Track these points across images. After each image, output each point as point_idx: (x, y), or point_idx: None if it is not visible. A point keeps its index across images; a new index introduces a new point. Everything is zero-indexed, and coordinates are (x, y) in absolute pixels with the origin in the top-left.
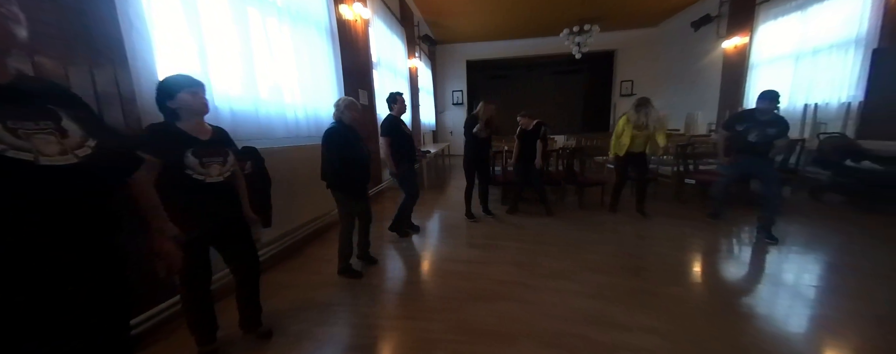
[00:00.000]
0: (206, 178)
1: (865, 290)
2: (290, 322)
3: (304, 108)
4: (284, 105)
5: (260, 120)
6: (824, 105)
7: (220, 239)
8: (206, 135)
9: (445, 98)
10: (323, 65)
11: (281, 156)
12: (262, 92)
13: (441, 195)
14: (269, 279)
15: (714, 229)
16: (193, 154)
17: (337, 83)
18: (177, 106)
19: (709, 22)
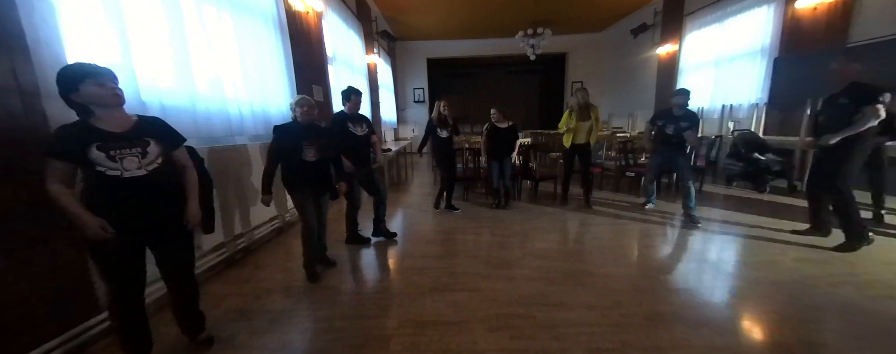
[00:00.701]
0: (123, 173)
1: (767, 262)
2: (237, 331)
3: (250, 105)
4: (226, 100)
5: (197, 116)
6: (738, 105)
7: (154, 241)
8: (122, 126)
9: (407, 95)
10: (271, 58)
11: (224, 156)
12: (199, 85)
13: (403, 193)
14: (213, 288)
15: (647, 215)
16: (98, 148)
17: (288, 78)
18: (83, 99)
19: (645, 30)
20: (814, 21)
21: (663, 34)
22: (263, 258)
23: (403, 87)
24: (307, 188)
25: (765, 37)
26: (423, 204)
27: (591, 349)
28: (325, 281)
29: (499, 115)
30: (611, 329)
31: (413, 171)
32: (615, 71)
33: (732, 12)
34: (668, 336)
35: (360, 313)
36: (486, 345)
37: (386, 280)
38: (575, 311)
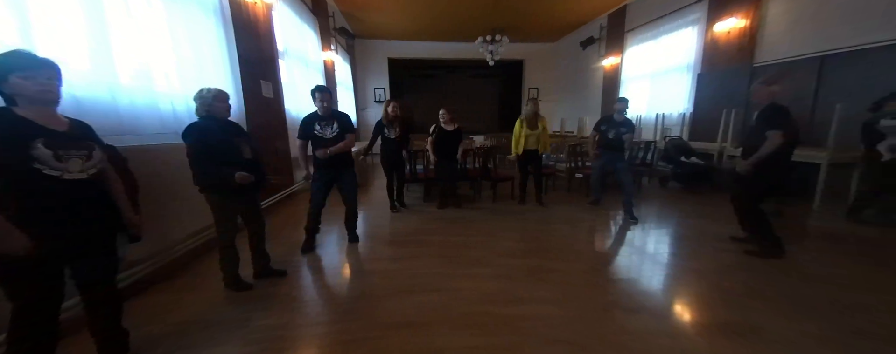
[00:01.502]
0: (64, 174)
1: (694, 252)
2: (174, 347)
3: (186, 100)
4: (156, 94)
5: (120, 111)
6: (669, 115)
7: (77, 251)
8: (61, 126)
9: (367, 95)
10: (211, 50)
11: (154, 156)
12: (122, 77)
13: (364, 194)
14: (145, 302)
15: (594, 213)
16: (45, 145)
17: (231, 72)
18: (11, 91)
19: (592, 43)
20: (728, 43)
21: (608, 47)
22: (205, 266)
23: (364, 87)
24: (245, 190)
25: (691, 54)
26: (385, 206)
27: (546, 340)
28: (279, 289)
29: (448, 117)
30: (564, 321)
31: (374, 173)
32: (567, 79)
33: (664, 31)
34: (610, 324)
35: (318, 320)
36: (449, 344)
37: (348, 284)
38: (533, 306)
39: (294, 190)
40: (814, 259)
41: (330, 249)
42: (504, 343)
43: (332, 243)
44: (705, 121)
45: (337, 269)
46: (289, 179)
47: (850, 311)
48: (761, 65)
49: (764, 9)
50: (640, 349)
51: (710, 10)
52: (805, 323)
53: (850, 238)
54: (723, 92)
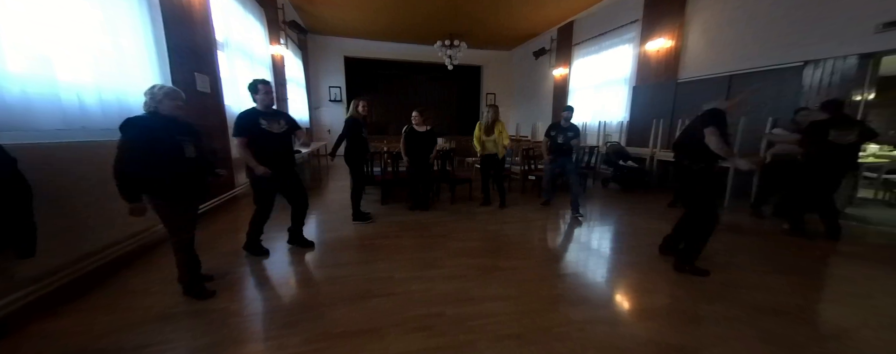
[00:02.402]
0: None
1: (630, 247)
2: None
3: (99, 92)
4: (57, 85)
5: (9, 102)
6: (610, 122)
7: None
8: None
9: (321, 93)
10: (134, 37)
11: (57, 156)
12: (9, 62)
13: (317, 198)
14: (47, 327)
15: (546, 212)
16: None
17: (159, 62)
18: None
19: (544, 53)
20: (657, 60)
21: (558, 58)
22: (124, 282)
23: (317, 85)
24: (189, 193)
25: (627, 69)
26: (340, 209)
27: (496, 336)
28: (213, 303)
29: (420, 118)
30: (514, 317)
31: (328, 175)
32: (521, 86)
33: (606, 47)
34: (556, 316)
35: (256, 335)
36: (400, 348)
37: (293, 293)
38: (485, 304)
39: (236, 194)
40: (722, 250)
41: (275, 257)
42: (456, 342)
43: (277, 250)
44: (639, 129)
45: (282, 279)
46: (231, 182)
47: (748, 291)
48: (684, 81)
49: (685, 32)
50: (582, 337)
51: (643, 30)
52: (714, 305)
53: (750, 230)
54: (653, 103)
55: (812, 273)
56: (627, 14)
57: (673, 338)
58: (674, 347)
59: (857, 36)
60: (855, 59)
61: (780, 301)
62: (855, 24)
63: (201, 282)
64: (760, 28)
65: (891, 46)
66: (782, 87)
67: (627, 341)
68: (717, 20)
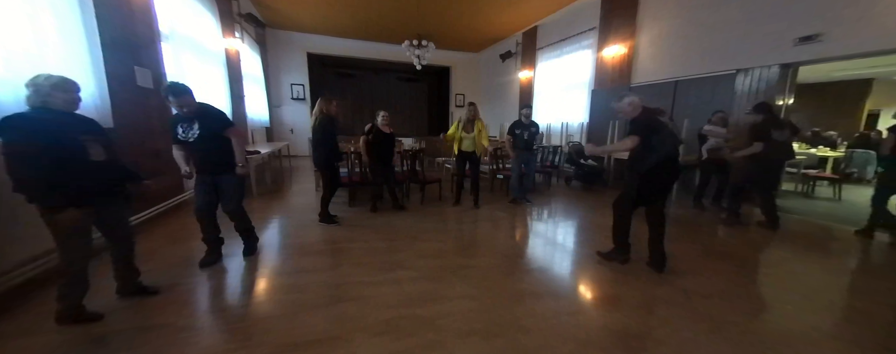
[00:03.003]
0: None
1: (590, 241)
2: None
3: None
4: None
5: None
6: (572, 124)
7: None
8: None
9: (282, 91)
10: (58, 24)
11: None
12: None
13: (279, 201)
14: None
15: (514, 210)
16: None
17: (91, 53)
18: None
19: (510, 56)
20: (613, 66)
21: (523, 62)
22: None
23: (278, 82)
24: (96, 200)
25: (587, 73)
26: (303, 212)
27: (464, 333)
28: (158, 318)
29: (387, 119)
30: (481, 313)
31: (291, 177)
32: (489, 87)
33: (567, 51)
34: (521, 309)
35: (209, 350)
36: (368, 352)
37: (251, 303)
38: (453, 302)
39: (186, 199)
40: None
41: (231, 265)
42: (423, 342)
43: (233, 259)
44: (598, 130)
45: (238, 288)
46: (178, 186)
47: (690, 277)
48: (636, 86)
49: (636, 41)
50: (545, 328)
51: (600, 37)
52: (658, 288)
53: (692, 221)
54: (610, 106)
55: (743, 257)
56: (586, 22)
57: (624, 323)
58: (624, 331)
59: (779, 48)
60: (777, 68)
61: (716, 284)
62: (777, 38)
63: (79, 309)
64: (699, 40)
65: (806, 58)
66: (718, 92)
67: (585, 329)
68: (663, 31)
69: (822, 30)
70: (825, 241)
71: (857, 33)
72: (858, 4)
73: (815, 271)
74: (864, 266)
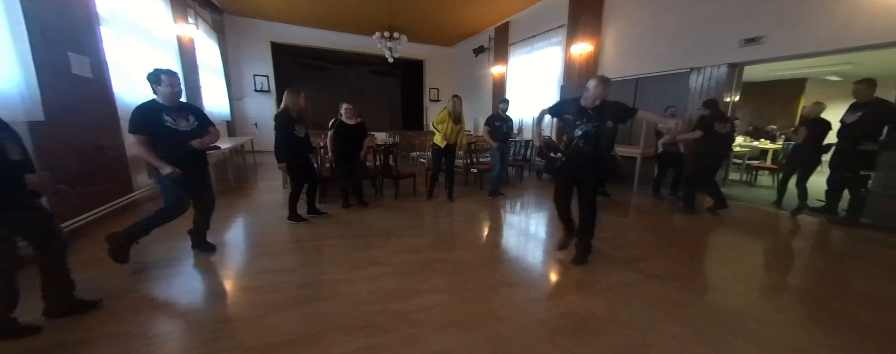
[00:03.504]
0: None
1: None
2: None
3: None
4: None
5: None
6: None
7: None
8: None
9: (244, 82)
10: None
11: None
12: None
13: (244, 198)
14: None
15: (490, 204)
16: None
17: (13, 37)
18: None
19: (483, 51)
20: (580, 63)
21: (496, 57)
22: None
23: (239, 73)
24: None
25: (557, 69)
26: (270, 210)
27: (440, 325)
28: (109, 326)
29: (351, 111)
30: (457, 305)
31: (257, 173)
32: (463, 82)
33: (538, 48)
34: (496, 299)
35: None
36: (342, 350)
37: (214, 307)
38: (429, 296)
39: (134, 200)
40: (629, 227)
41: (193, 268)
42: (399, 337)
43: (189, 262)
44: None
45: (201, 291)
46: (126, 185)
47: (648, 262)
48: None
49: (602, 39)
50: (518, 316)
51: (568, 35)
52: (621, 273)
53: (650, 209)
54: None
55: (696, 242)
56: (555, 19)
57: (590, 307)
58: (589, 314)
59: (727, 49)
60: (725, 67)
61: (673, 267)
62: (726, 40)
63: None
64: (657, 40)
65: (749, 58)
66: (675, 89)
67: (555, 315)
68: (625, 32)
69: (765, 33)
70: (766, 224)
71: (793, 37)
72: (795, 12)
73: (758, 252)
74: (799, 245)
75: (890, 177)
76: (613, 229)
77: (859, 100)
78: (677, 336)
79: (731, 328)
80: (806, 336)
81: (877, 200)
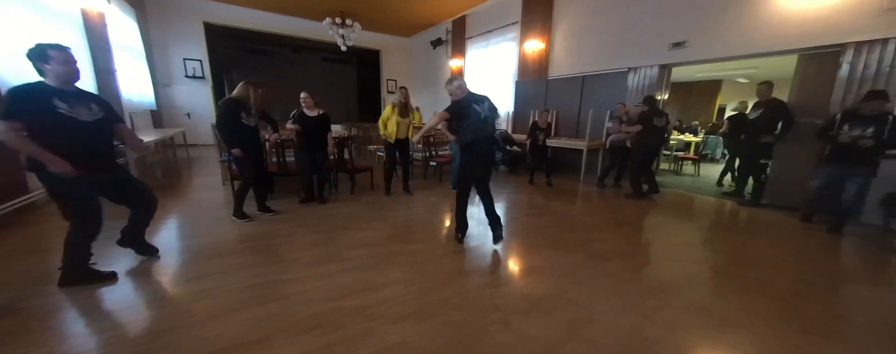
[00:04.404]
0: None
1: (514, 219)
2: None
3: None
4: None
5: None
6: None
7: None
8: None
9: (172, 67)
10: None
11: None
12: None
13: (177, 197)
14: None
15: (447, 195)
16: None
17: None
18: None
19: (441, 44)
20: (532, 60)
21: (453, 50)
22: None
23: (166, 55)
24: None
25: (512, 65)
26: (211, 209)
27: (397, 317)
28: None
29: (310, 101)
30: (415, 295)
31: (193, 169)
32: (422, 74)
33: (494, 42)
34: (453, 288)
35: None
36: (294, 351)
37: (142, 319)
38: (386, 289)
39: (30, 202)
40: (577, 214)
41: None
42: (354, 333)
43: (122, 263)
44: (522, 118)
45: (130, 302)
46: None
47: (596, 244)
48: (553, 79)
49: (552, 37)
50: (475, 303)
51: (522, 31)
52: (570, 256)
53: (597, 197)
54: (531, 96)
55: (634, 224)
56: (510, 15)
57: (542, 289)
58: (543, 294)
59: (659, 52)
60: (657, 68)
61: (613, 248)
62: (658, 43)
63: None
64: (600, 41)
65: (676, 60)
66: (615, 86)
67: (509, 298)
68: (574, 31)
69: (688, 38)
70: (689, 207)
71: (711, 43)
72: (713, 21)
73: (684, 230)
74: (715, 223)
75: (784, 164)
76: (563, 216)
77: (760, 99)
78: (618, 308)
79: (662, 298)
80: (722, 299)
81: (773, 184)
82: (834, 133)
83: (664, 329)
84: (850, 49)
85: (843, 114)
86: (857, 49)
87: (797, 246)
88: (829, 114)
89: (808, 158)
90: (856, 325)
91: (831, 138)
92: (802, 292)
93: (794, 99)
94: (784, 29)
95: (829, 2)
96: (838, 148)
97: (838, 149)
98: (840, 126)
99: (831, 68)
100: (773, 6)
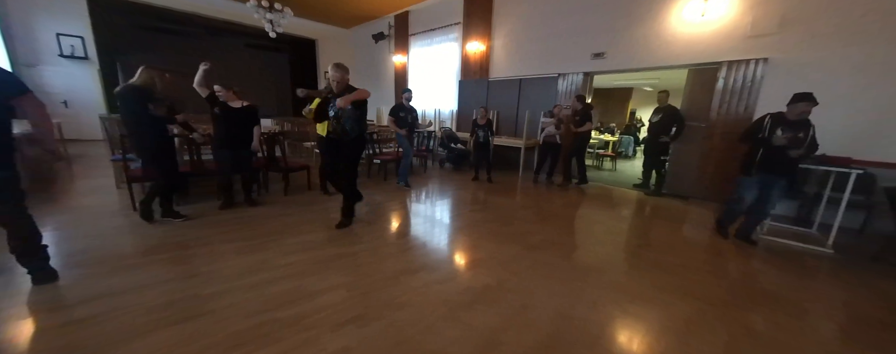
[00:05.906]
0: None
1: (458, 215)
2: None
3: None
4: None
5: None
6: (443, 111)
7: None
8: None
9: (40, 43)
10: None
11: None
12: None
13: (57, 204)
14: None
15: (391, 193)
16: None
17: None
18: None
19: (383, 38)
20: (474, 61)
21: (396, 46)
22: None
23: (29, 29)
24: None
25: (455, 64)
26: (103, 217)
27: (337, 324)
28: None
29: (227, 92)
30: (356, 299)
31: (72, 169)
32: (364, 68)
33: (437, 41)
34: (397, 288)
35: None
36: None
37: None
38: (325, 295)
39: None
40: (516, 206)
41: None
42: (293, 344)
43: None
44: (465, 117)
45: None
46: None
47: (530, 235)
48: (494, 80)
49: (492, 40)
50: (421, 300)
51: (464, 32)
52: (508, 248)
53: (531, 190)
54: (473, 96)
55: (565, 215)
56: (452, 16)
57: (484, 281)
58: (486, 286)
59: (583, 60)
60: (581, 75)
61: (547, 238)
62: (582, 53)
63: None
64: (534, 46)
65: (597, 69)
66: (547, 90)
67: (453, 292)
68: (512, 36)
69: (606, 49)
70: (610, 198)
71: (624, 55)
72: (625, 36)
73: (608, 218)
74: (628, 212)
75: (677, 160)
76: (503, 210)
77: (660, 105)
78: (552, 292)
79: (587, 280)
80: (636, 278)
81: (670, 176)
82: (766, 136)
83: (589, 307)
84: (724, 67)
85: (773, 118)
86: (729, 67)
87: (690, 229)
88: (710, 119)
89: (695, 156)
90: (733, 291)
91: (764, 141)
92: (690, 266)
93: (685, 106)
94: (678, 47)
95: (711, 27)
96: (770, 153)
97: (771, 153)
98: (772, 129)
99: (711, 81)
100: (671, 28)
